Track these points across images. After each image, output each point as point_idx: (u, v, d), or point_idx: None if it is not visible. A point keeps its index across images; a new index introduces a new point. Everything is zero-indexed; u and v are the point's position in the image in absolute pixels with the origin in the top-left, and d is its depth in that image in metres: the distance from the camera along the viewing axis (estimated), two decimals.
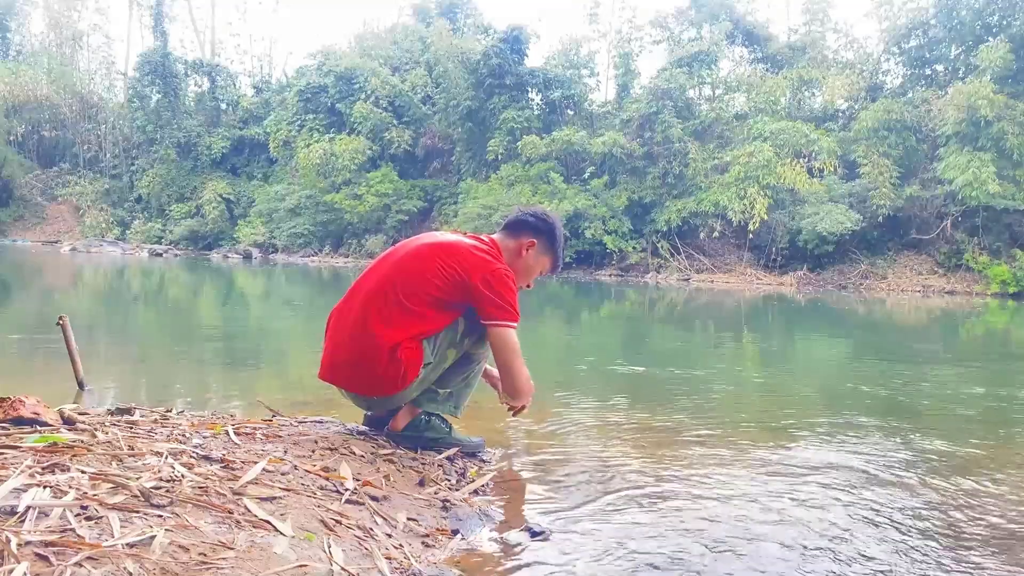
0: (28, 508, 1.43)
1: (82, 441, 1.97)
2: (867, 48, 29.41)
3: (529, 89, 30.13)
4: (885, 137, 23.73)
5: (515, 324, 2.50)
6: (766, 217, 23.57)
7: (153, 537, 1.39)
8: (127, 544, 1.36)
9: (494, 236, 2.70)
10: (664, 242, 25.92)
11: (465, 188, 29.14)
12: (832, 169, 24.45)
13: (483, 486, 2.40)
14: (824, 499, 2.45)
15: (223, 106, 40.09)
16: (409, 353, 2.43)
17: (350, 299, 2.57)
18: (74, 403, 3.46)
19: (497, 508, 2.24)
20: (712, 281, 24.23)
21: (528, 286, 2.78)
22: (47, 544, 1.31)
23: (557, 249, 2.74)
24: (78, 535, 1.36)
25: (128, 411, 2.58)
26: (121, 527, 1.42)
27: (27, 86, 38.87)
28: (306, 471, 2.06)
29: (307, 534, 1.64)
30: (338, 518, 1.80)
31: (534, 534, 2.03)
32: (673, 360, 6.65)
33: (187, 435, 2.25)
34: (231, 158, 37.66)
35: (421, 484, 2.28)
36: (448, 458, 2.59)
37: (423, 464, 2.47)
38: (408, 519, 1.97)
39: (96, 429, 2.14)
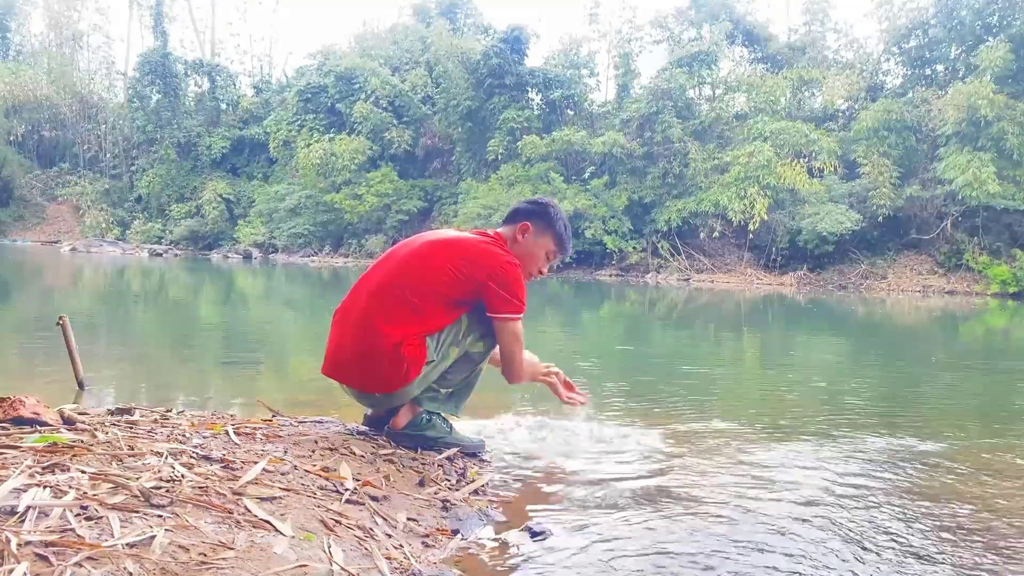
0: (28, 508, 1.42)
1: (82, 441, 1.97)
2: (867, 48, 29.45)
3: (529, 89, 30.14)
4: (885, 137, 23.73)
5: (519, 315, 2.51)
6: (766, 217, 23.57)
7: (153, 537, 1.39)
8: (127, 544, 1.36)
9: (497, 230, 2.71)
10: (664, 242, 25.93)
11: (465, 188, 29.15)
12: (832, 169, 24.46)
13: (483, 486, 2.39)
14: (827, 496, 2.45)
15: (223, 106, 40.09)
16: (412, 350, 2.44)
17: (354, 296, 2.57)
18: (74, 403, 3.46)
19: (497, 508, 2.24)
20: (712, 281, 24.23)
21: (541, 273, 2.76)
22: (47, 544, 1.31)
23: (556, 225, 2.69)
24: (78, 535, 1.36)
25: (128, 411, 2.58)
26: (121, 527, 1.42)
27: (27, 86, 38.87)
28: (306, 471, 2.06)
29: (307, 534, 1.63)
30: (338, 518, 1.80)
31: (534, 534, 2.02)
32: (673, 359, 6.65)
33: (187, 435, 2.25)
34: (231, 158, 37.67)
35: (421, 484, 2.28)
36: (448, 458, 2.59)
37: (423, 464, 2.46)
38: (408, 519, 1.96)
39: (96, 429, 2.14)
